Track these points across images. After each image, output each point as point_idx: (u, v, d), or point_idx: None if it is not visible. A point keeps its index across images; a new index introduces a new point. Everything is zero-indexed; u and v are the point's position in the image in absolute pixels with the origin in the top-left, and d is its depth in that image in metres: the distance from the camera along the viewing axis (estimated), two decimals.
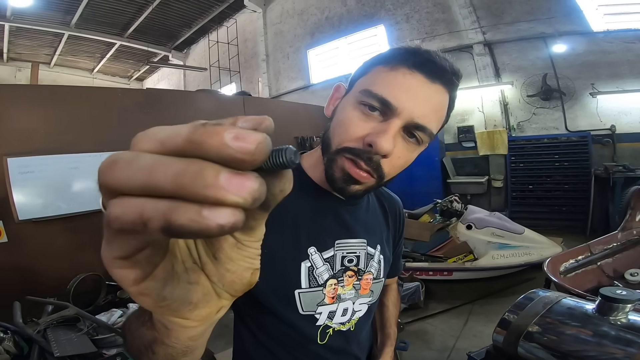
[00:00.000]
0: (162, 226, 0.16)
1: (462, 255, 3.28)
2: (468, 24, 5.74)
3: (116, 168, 0.17)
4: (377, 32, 7.07)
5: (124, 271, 0.21)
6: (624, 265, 2.00)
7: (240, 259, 0.25)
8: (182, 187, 0.16)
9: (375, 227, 0.78)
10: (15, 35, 9.00)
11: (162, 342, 0.32)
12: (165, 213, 0.16)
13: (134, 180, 0.17)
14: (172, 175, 0.16)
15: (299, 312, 0.66)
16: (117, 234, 0.19)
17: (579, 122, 5.13)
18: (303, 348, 0.71)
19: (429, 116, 0.57)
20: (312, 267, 0.66)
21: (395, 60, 0.57)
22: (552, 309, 0.95)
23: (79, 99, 3.26)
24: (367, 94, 0.56)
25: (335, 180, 0.59)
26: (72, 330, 1.65)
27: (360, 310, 0.75)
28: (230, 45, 9.49)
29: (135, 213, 0.17)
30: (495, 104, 5.77)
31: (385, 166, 0.57)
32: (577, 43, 4.98)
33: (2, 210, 2.78)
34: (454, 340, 2.72)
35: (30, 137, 2.92)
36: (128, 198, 0.17)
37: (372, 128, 0.55)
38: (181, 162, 0.17)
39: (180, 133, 0.18)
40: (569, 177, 5.03)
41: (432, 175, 5.80)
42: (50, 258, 3.03)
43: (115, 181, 0.17)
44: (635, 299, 0.85)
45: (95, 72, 12.58)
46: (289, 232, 0.65)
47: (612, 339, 0.85)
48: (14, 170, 2.78)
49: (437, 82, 0.56)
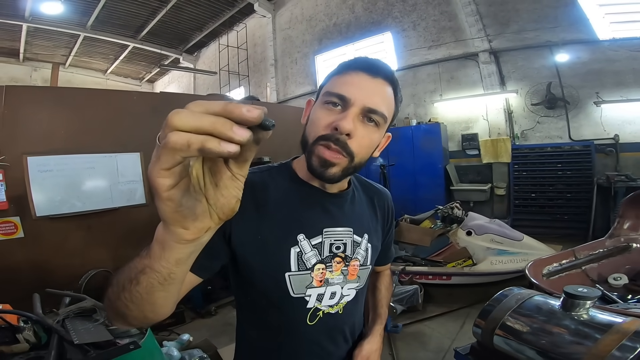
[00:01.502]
0: (199, 148, 0.31)
1: (461, 261, 3.35)
2: (474, 32, 5.80)
3: (179, 116, 0.32)
4: (384, 39, 7.17)
5: (164, 179, 0.34)
6: (610, 270, 2.06)
7: (232, 187, 0.39)
8: (213, 130, 0.31)
9: (361, 218, 0.87)
10: (32, 35, 9.25)
11: (150, 268, 0.44)
12: (202, 141, 0.31)
13: (188, 123, 0.31)
14: (209, 123, 0.31)
15: (290, 294, 0.76)
16: (169, 152, 0.32)
17: (583, 131, 5.14)
18: (295, 329, 0.80)
19: (378, 102, 0.71)
20: (301, 252, 0.76)
21: (344, 67, 0.73)
22: (523, 305, 1.04)
23: (98, 101, 3.40)
24: (327, 95, 0.71)
25: (314, 168, 0.71)
26: (89, 321, 1.73)
27: (348, 295, 0.84)
28: (240, 50, 9.67)
29: (185, 139, 0.31)
30: (500, 112, 5.81)
31: (353, 145, 0.69)
32: (583, 52, 5.00)
33: (20, 207, 2.91)
34: (449, 342, 2.78)
35: (50, 137, 3.06)
36: (182, 132, 0.31)
37: (335, 117, 0.69)
38: (216, 117, 0.32)
39: (217, 104, 0.33)
40: (572, 185, 5.05)
41: (435, 183, 5.86)
42: (64, 254, 3.15)
43: (177, 122, 0.31)
44: (595, 296, 0.94)
45: (109, 73, 12.88)
46: (281, 222, 0.75)
47: (572, 333, 0.93)
48: (34, 168, 2.92)
49: (377, 77, 0.72)
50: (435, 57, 6.39)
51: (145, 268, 0.45)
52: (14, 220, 2.90)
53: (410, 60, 6.69)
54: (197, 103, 0.33)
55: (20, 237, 2.94)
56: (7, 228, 2.88)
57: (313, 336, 0.81)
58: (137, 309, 0.49)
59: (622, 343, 0.88)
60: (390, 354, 2.66)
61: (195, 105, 0.33)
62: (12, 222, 2.90)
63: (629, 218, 2.30)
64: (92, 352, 1.37)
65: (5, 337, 1.39)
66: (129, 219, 3.46)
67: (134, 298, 0.48)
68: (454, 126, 6.29)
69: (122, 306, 0.50)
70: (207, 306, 3.48)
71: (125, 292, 0.48)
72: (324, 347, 0.84)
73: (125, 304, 0.49)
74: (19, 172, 2.88)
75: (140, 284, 0.46)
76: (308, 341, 0.81)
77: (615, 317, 0.98)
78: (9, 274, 2.83)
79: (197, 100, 0.33)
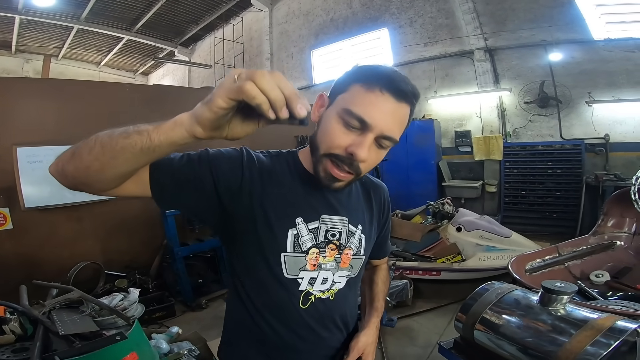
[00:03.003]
0: (257, 103, 0.45)
1: (450, 256, 3.38)
2: (470, 30, 5.82)
3: (263, 78, 0.45)
4: (380, 35, 7.16)
5: (222, 102, 0.47)
6: (592, 267, 2.09)
7: (242, 129, 0.54)
8: (274, 101, 0.46)
9: (357, 209, 0.89)
10: (25, 27, 9.09)
11: (148, 133, 0.54)
12: (262, 102, 0.46)
13: (264, 85, 0.45)
14: (274, 95, 0.46)
15: (283, 274, 0.79)
16: (239, 93, 0.45)
17: (574, 131, 5.21)
18: (287, 311, 0.81)
19: (395, 129, 0.70)
20: (298, 235, 0.79)
21: (370, 80, 0.68)
22: (502, 299, 1.06)
23: (89, 93, 3.39)
24: (348, 114, 0.68)
25: (320, 179, 0.74)
26: (76, 312, 1.73)
27: (339, 282, 0.86)
28: (236, 43, 9.59)
29: (255, 93, 0.45)
30: (493, 109, 5.86)
31: (362, 167, 0.72)
32: (577, 51, 5.05)
33: (9, 198, 2.89)
34: (437, 338, 2.81)
35: (40, 129, 3.03)
36: (256, 87, 0.45)
37: (353, 140, 0.69)
38: (280, 93, 0.47)
39: (289, 87, 0.48)
40: (561, 184, 5.12)
41: (427, 179, 5.91)
42: (53, 246, 3.13)
43: (259, 80, 0.45)
44: (571, 291, 0.96)
45: (102, 66, 12.69)
46: (282, 202, 0.78)
47: (548, 328, 0.95)
48: (23, 159, 2.90)
49: (402, 101, 0.69)
50: (431, 54, 6.40)
51: (144, 131, 0.54)
52: (3, 211, 2.89)
53: (406, 56, 6.69)
54: (276, 75, 0.47)
55: (9, 228, 2.92)
56: None
57: (305, 320, 0.83)
58: (97, 157, 0.55)
59: (596, 339, 0.90)
60: (379, 349, 2.68)
61: (273, 76, 0.46)
62: (1, 214, 2.88)
63: (614, 216, 2.34)
64: (78, 343, 1.36)
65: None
66: (120, 211, 3.44)
67: (108, 145, 0.55)
68: (448, 123, 6.32)
69: (86, 149, 0.56)
70: (197, 299, 3.48)
71: (105, 137, 0.56)
72: (317, 332, 0.85)
73: (93, 147, 0.56)
74: (9, 163, 2.86)
75: (127, 139, 0.54)
76: (301, 325, 0.82)
77: (591, 312, 1.00)
78: None
79: (276, 73, 0.47)
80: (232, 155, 0.77)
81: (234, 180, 0.74)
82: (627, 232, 2.33)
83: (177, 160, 0.71)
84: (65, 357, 1.28)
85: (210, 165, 0.72)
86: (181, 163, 0.71)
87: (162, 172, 0.68)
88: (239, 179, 0.75)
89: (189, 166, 0.71)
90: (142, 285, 3.31)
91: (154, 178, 0.67)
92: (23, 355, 1.33)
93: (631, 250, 2.29)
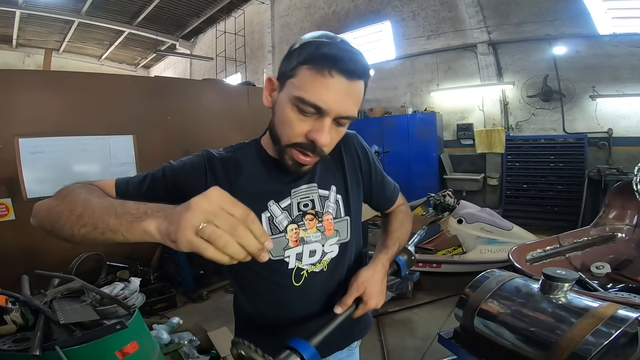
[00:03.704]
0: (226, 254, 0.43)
1: (451, 249, 3.37)
2: (474, 23, 5.77)
3: (229, 245, 0.43)
4: (382, 28, 7.10)
5: (187, 249, 0.43)
6: (593, 259, 2.08)
7: None
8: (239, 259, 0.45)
9: (325, 172, 0.86)
10: (25, 21, 9.08)
11: (127, 232, 0.49)
12: (232, 254, 0.44)
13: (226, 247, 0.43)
14: (241, 255, 0.45)
15: (270, 257, 0.77)
16: (203, 253, 0.42)
17: (577, 125, 5.18)
18: (283, 293, 0.82)
19: (351, 107, 0.69)
20: (272, 217, 0.79)
21: (318, 63, 0.65)
22: (503, 287, 1.05)
23: (91, 85, 3.38)
24: (301, 101, 0.66)
25: (288, 167, 0.74)
26: (77, 302, 1.73)
27: (331, 251, 0.85)
28: (237, 36, 9.55)
29: (217, 256, 0.43)
30: (496, 103, 5.83)
31: (326, 149, 0.72)
32: (581, 46, 5.01)
33: (11, 189, 2.90)
34: (437, 330, 2.83)
35: (42, 120, 3.03)
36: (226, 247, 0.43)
37: (311, 126, 0.68)
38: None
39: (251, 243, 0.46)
40: (563, 178, 5.10)
41: (429, 171, 5.92)
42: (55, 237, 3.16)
43: (222, 243, 0.43)
44: (573, 279, 0.95)
45: (103, 59, 12.68)
46: (252, 194, 0.78)
47: (549, 316, 0.94)
48: (25, 150, 2.90)
49: (354, 79, 0.67)
50: (433, 47, 6.35)
51: (117, 231, 0.50)
52: (5, 202, 2.89)
53: (408, 49, 6.65)
54: (239, 232, 0.43)
55: (12, 219, 2.93)
56: None
57: (304, 296, 0.82)
58: (72, 237, 0.56)
59: (597, 328, 0.88)
60: (378, 340, 2.70)
61: (237, 232, 0.43)
62: (3, 204, 2.89)
63: (615, 207, 2.33)
64: (78, 332, 1.37)
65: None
66: None
67: (84, 236, 0.54)
68: (450, 116, 6.30)
69: (59, 214, 0.58)
70: (198, 290, 3.50)
71: (81, 228, 0.54)
72: (319, 304, 0.84)
73: (62, 215, 0.58)
74: (11, 153, 2.86)
75: (103, 235, 0.52)
76: (301, 303, 0.82)
77: (592, 301, 0.99)
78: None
79: (240, 228, 0.44)
80: (194, 163, 0.79)
81: (201, 188, 0.74)
82: (628, 225, 2.31)
83: (143, 182, 0.76)
84: (66, 346, 1.29)
85: (175, 180, 0.76)
86: (146, 187, 0.75)
87: (131, 199, 0.65)
88: (204, 185, 0.75)
89: (154, 189, 0.75)
90: (144, 276, 3.32)
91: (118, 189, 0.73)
92: (24, 345, 1.33)
93: (632, 242, 2.28)
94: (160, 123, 3.76)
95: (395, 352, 2.56)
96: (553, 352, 0.91)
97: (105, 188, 0.73)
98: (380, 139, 6.08)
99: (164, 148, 3.66)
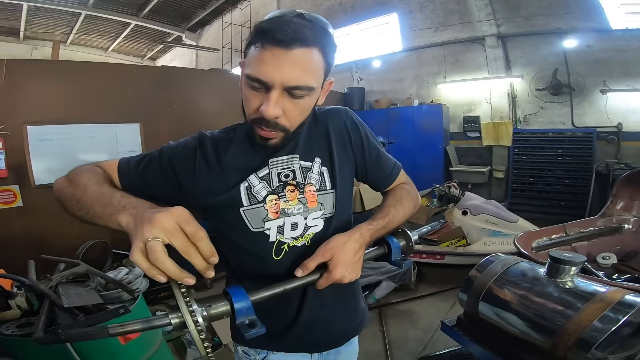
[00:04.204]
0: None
1: (455, 240, 3.36)
2: (483, 16, 5.67)
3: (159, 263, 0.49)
4: (389, 20, 7.02)
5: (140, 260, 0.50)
6: (599, 249, 2.06)
7: None
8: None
9: (309, 144, 0.85)
10: (32, 14, 9.06)
11: (109, 221, 0.59)
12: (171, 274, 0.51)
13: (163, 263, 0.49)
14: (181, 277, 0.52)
15: (250, 229, 0.79)
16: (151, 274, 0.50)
17: (586, 119, 5.11)
18: (264, 266, 0.82)
19: (299, 77, 0.67)
20: (250, 186, 0.80)
21: (254, 39, 0.67)
22: (508, 271, 1.05)
23: (98, 74, 3.41)
24: (249, 78, 0.68)
25: (258, 142, 0.76)
26: (82, 286, 1.74)
27: (315, 225, 0.82)
28: (243, 28, 9.50)
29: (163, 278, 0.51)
30: (504, 96, 5.76)
31: (283, 122, 0.72)
32: (593, 40, 4.92)
33: (19, 176, 2.92)
34: (439, 322, 2.83)
35: (50, 108, 3.05)
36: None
37: (260, 100, 0.69)
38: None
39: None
40: (570, 172, 5.05)
41: (434, 163, 5.88)
42: (62, 224, 3.15)
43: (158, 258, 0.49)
44: (580, 261, 0.94)
45: (110, 51, 12.69)
46: (237, 167, 0.81)
47: (556, 300, 0.93)
48: (34, 137, 2.93)
49: (293, 47, 0.65)
50: (441, 40, 6.27)
51: (107, 220, 0.60)
52: (13, 188, 2.92)
53: (415, 41, 6.57)
54: (187, 251, 0.52)
55: (19, 206, 2.95)
56: (6, 197, 2.89)
57: (282, 271, 0.80)
58: (70, 207, 0.69)
59: (604, 313, 0.87)
60: (380, 330, 2.70)
61: (184, 246, 0.51)
62: (11, 191, 2.91)
63: (623, 198, 2.30)
64: (82, 316, 1.37)
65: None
66: None
67: (76, 204, 0.67)
68: (456, 108, 6.24)
69: (70, 204, 0.69)
70: (201, 279, 3.50)
71: (78, 197, 0.67)
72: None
73: (67, 197, 0.70)
74: (19, 141, 2.88)
75: (99, 220, 0.62)
76: (281, 277, 0.76)
77: (599, 286, 0.98)
78: (6, 243, 2.85)
79: (183, 242, 0.51)
80: (187, 143, 0.84)
81: (190, 166, 0.81)
82: (635, 216, 2.28)
83: (141, 161, 0.82)
84: (68, 330, 1.29)
85: (170, 158, 0.81)
86: (143, 165, 0.82)
87: (130, 178, 0.80)
88: (192, 163, 0.80)
89: (150, 167, 0.81)
90: None
91: (124, 184, 0.80)
92: (27, 330, 1.34)
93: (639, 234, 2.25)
94: (166, 112, 3.77)
95: (397, 343, 2.56)
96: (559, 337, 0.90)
97: (108, 168, 0.80)
98: (385, 130, 6.04)
99: (170, 136, 3.60)
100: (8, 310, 1.41)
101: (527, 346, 0.97)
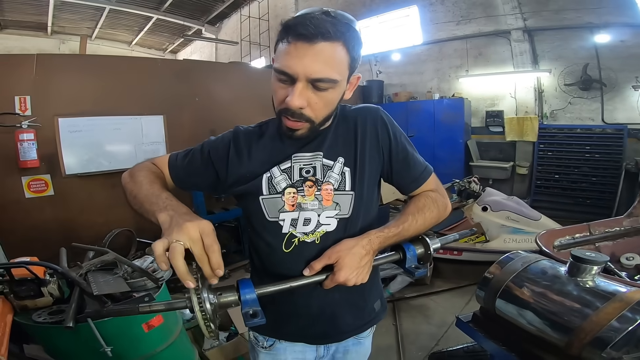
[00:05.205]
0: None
1: (474, 236, 3.30)
2: (508, 9, 5.48)
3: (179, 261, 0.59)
4: (409, 13, 6.87)
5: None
6: (624, 250, 1.99)
7: None
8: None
9: (334, 143, 0.86)
10: (59, 9, 9.33)
11: (151, 210, 0.70)
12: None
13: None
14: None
15: (266, 217, 0.84)
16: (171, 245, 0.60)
17: (617, 115, 4.89)
18: (272, 256, 0.86)
19: (322, 69, 0.71)
20: (271, 177, 0.85)
21: (281, 35, 0.73)
22: (528, 268, 1.03)
23: (124, 67, 3.52)
24: (276, 71, 0.74)
25: (284, 132, 0.81)
26: (109, 274, 1.78)
27: (328, 224, 0.83)
28: (262, 21, 9.53)
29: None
30: (530, 90, 5.57)
31: (308, 112, 0.76)
32: (627, 35, 4.67)
33: (50, 165, 3.05)
34: (453, 318, 2.80)
35: (79, 101, 3.18)
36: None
37: (287, 92, 0.74)
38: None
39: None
40: (598, 169, 4.85)
41: (455, 157, 5.77)
42: (90, 212, 3.29)
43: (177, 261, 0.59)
44: (602, 261, 0.92)
45: (133, 45, 12.98)
46: (264, 159, 0.87)
47: (575, 299, 0.92)
48: (64, 129, 3.06)
49: (316, 41, 0.69)
50: (463, 33, 6.10)
51: (151, 209, 0.71)
52: (45, 178, 3.06)
53: (436, 35, 6.42)
54: (201, 260, 0.62)
55: (51, 194, 3.09)
56: (38, 186, 3.03)
57: (289, 264, 0.82)
58: (129, 200, 0.82)
59: (622, 313, 0.86)
60: (393, 324, 2.71)
61: (198, 253, 0.61)
62: (43, 180, 3.05)
63: None
64: (110, 304, 1.43)
65: (31, 291, 1.45)
66: None
67: (133, 199, 0.79)
68: (479, 102, 6.09)
69: (130, 197, 0.81)
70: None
71: (137, 204, 0.78)
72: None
73: (132, 198, 0.80)
74: (50, 132, 3.02)
75: (146, 215, 0.74)
76: (288, 270, 0.81)
77: (620, 286, 0.96)
78: (38, 230, 2.99)
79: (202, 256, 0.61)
80: (224, 137, 0.92)
81: (225, 157, 0.89)
82: None
83: (186, 156, 0.93)
84: (95, 317, 1.33)
85: (210, 151, 0.91)
86: (187, 160, 0.93)
87: (177, 172, 0.92)
88: (227, 155, 0.89)
89: (193, 160, 0.92)
90: None
91: (172, 176, 0.92)
92: (59, 317, 1.40)
93: None
94: (188, 104, 3.86)
95: (409, 337, 2.57)
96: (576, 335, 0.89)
97: (160, 164, 0.92)
98: (405, 123, 5.96)
99: (192, 128, 3.77)
100: (40, 297, 1.47)
101: (542, 344, 0.96)
